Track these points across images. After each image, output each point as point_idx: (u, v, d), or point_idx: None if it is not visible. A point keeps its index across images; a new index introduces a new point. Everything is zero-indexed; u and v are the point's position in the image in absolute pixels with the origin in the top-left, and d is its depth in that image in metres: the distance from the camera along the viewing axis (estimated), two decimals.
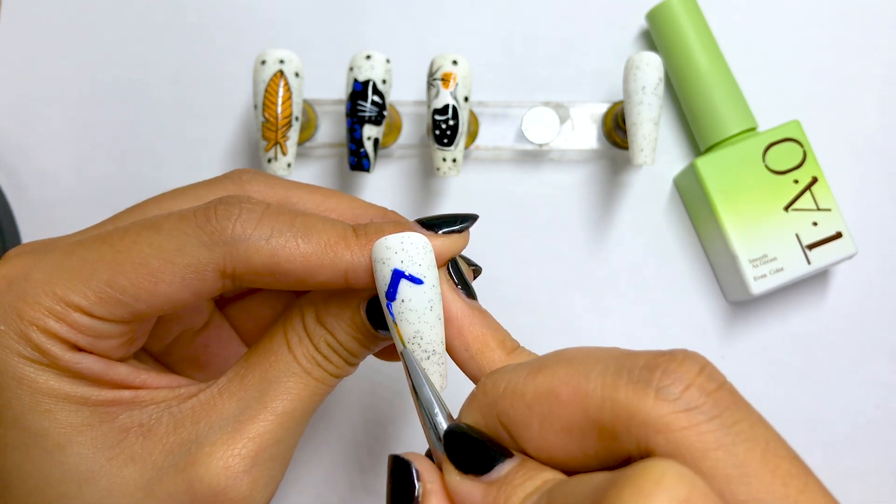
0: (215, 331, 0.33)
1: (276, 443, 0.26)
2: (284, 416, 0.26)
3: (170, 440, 0.25)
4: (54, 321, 0.24)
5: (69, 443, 0.25)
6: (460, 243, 0.27)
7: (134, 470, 0.25)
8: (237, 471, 0.25)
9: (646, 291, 0.42)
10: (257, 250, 0.25)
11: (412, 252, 0.25)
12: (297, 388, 0.27)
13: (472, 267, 0.30)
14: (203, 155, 0.42)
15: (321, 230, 0.26)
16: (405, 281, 0.25)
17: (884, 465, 0.41)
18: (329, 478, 0.41)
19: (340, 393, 0.41)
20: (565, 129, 0.41)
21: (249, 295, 0.34)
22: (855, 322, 0.42)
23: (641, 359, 0.20)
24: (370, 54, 0.36)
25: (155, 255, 0.25)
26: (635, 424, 0.19)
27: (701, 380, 0.19)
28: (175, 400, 0.26)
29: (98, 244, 0.25)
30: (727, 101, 0.40)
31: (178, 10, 0.43)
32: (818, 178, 0.39)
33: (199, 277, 0.25)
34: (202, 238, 0.25)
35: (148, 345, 0.31)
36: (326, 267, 0.25)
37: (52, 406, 0.25)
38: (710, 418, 0.19)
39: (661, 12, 0.41)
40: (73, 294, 0.24)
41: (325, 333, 0.27)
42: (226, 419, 0.26)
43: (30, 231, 0.42)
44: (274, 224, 0.25)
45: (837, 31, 0.43)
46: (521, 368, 0.22)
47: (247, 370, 0.27)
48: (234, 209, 0.25)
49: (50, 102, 0.42)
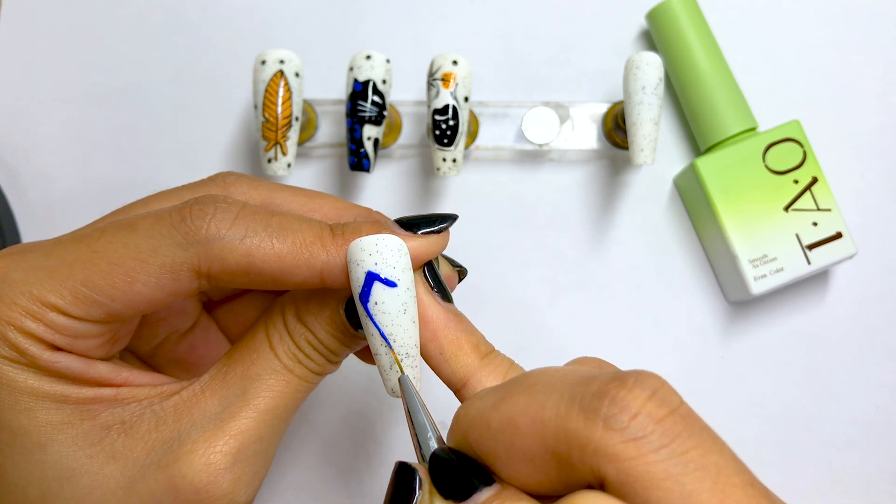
0: (202, 333, 0.33)
1: (259, 439, 0.26)
2: (266, 413, 0.26)
3: (152, 437, 0.25)
4: (31, 321, 0.24)
5: (50, 441, 0.25)
6: (438, 244, 0.27)
7: (115, 468, 0.25)
8: (219, 468, 0.25)
9: (646, 291, 0.42)
10: (232, 250, 0.25)
11: (386, 254, 0.25)
12: (279, 385, 0.27)
13: (457, 268, 0.30)
14: (203, 155, 0.42)
15: (297, 229, 0.26)
16: (379, 283, 0.25)
17: (884, 466, 0.41)
18: (312, 475, 0.41)
19: (323, 391, 0.41)
20: (565, 129, 0.41)
21: (237, 297, 0.34)
22: (855, 322, 0.42)
23: (594, 385, 0.20)
24: (370, 54, 0.36)
25: (130, 255, 0.25)
26: (588, 454, 0.19)
27: (650, 407, 0.19)
28: (157, 398, 0.26)
29: (75, 244, 0.25)
30: (727, 101, 0.40)
31: (178, 10, 0.43)
32: (818, 178, 0.39)
33: (173, 277, 0.25)
34: (176, 238, 0.25)
35: (134, 346, 0.31)
36: (302, 267, 0.25)
37: (32, 404, 0.25)
38: (657, 448, 0.18)
39: (661, 12, 0.41)
40: (50, 294, 0.24)
41: (306, 331, 0.27)
42: (208, 416, 0.26)
43: (30, 231, 0.42)
44: (249, 223, 0.25)
45: (837, 31, 0.43)
46: (490, 395, 0.22)
47: (229, 368, 0.27)
48: (209, 208, 0.25)
49: (50, 102, 0.42)
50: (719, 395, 0.42)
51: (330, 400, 0.41)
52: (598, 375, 0.20)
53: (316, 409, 0.41)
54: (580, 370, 0.21)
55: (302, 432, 0.41)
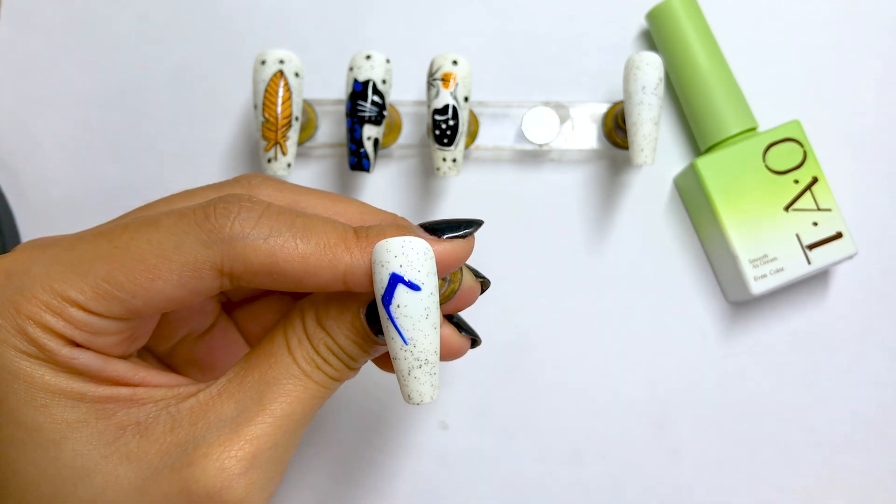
0: (221, 334, 0.33)
1: (274, 445, 0.26)
2: (283, 419, 0.26)
3: (167, 440, 0.25)
4: (51, 316, 0.24)
5: (64, 439, 0.24)
6: (464, 249, 0.27)
7: (129, 469, 0.25)
8: (233, 473, 0.25)
9: (646, 291, 0.42)
10: (255, 249, 0.25)
11: (412, 257, 0.25)
12: (297, 391, 0.26)
13: (480, 279, 0.30)
14: (203, 155, 0.42)
15: (321, 231, 0.25)
16: (402, 286, 0.25)
17: (884, 465, 0.41)
18: (327, 482, 0.41)
19: (341, 398, 0.41)
20: (565, 129, 0.41)
21: (257, 299, 0.34)
22: (855, 322, 0.42)
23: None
24: (370, 54, 0.36)
25: (153, 251, 0.24)
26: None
27: None
28: (174, 399, 0.26)
29: (97, 239, 0.25)
30: (727, 101, 0.40)
31: (178, 10, 0.43)
32: (818, 178, 0.39)
33: (196, 275, 0.25)
34: (200, 236, 0.24)
35: (152, 345, 0.31)
36: (325, 268, 0.25)
37: (48, 401, 0.24)
38: None
39: (661, 12, 0.41)
40: (70, 289, 0.24)
41: (325, 336, 0.27)
42: (224, 420, 0.25)
43: (30, 231, 0.42)
44: (273, 223, 0.25)
45: (837, 31, 0.43)
46: None
47: (246, 371, 0.27)
48: (233, 207, 0.25)
49: (50, 103, 0.42)
50: (719, 395, 0.42)
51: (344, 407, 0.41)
52: None
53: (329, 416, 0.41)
54: None
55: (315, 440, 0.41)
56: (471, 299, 0.30)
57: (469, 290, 0.29)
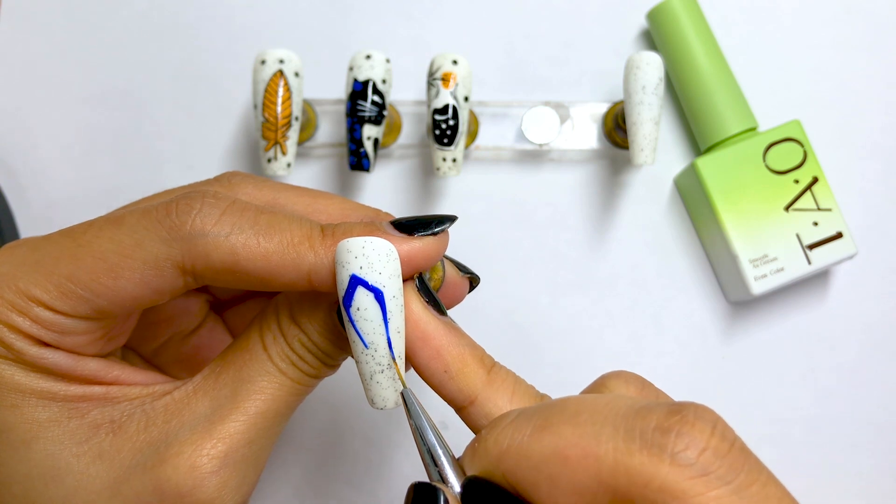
0: (209, 334, 0.33)
1: (248, 444, 0.25)
2: (257, 417, 0.25)
3: (140, 438, 0.25)
4: (17, 315, 0.24)
5: (35, 439, 0.24)
6: (435, 248, 0.26)
7: (101, 468, 0.24)
8: (205, 471, 0.24)
9: (646, 291, 0.42)
10: (216, 247, 0.24)
11: (373, 258, 0.24)
12: (272, 388, 0.26)
13: (468, 275, 0.29)
14: (203, 155, 0.42)
15: (285, 228, 0.25)
16: (362, 288, 0.24)
17: (884, 465, 0.41)
18: (307, 483, 0.41)
19: (341, 398, 0.41)
20: (565, 129, 0.41)
21: (247, 299, 0.34)
22: (855, 322, 0.42)
23: (652, 419, 0.20)
24: (370, 54, 0.36)
25: (114, 249, 0.24)
26: (651, 490, 0.19)
27: (715, 441, 0.19)
28: (149, 397, 0.26)
29: (63, 238, 0.25)
30: (727, 101, 0.40)
31: (178, 10, 0.43)
32: (819, 177, 0.39)
33: (157, 274, 0.24)
34: (161, 233, 0.24)
35: (137, 345, 0.31)
36: (288, 267, 0.24)
37: (19, 401, 0.24)
38: (725, 483, 0.19)
39: (662, 12, 0.41)
40: (35, 288, 0.24)
41: (299, 333, 0.26)
42: (197, 418, 0.25)
43: (30, 231, 0.42)
44: (235, 220, 0.24)
45: (838, 31, 0.43)
46: (523, 424, 0.21)
47: (222, 368, 0.26)
48: (195, 203, 0.24)
49: (50, 102, 0.42)
50: (719, 395, 0.42)
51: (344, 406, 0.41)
52: (652, 407, 0.20)
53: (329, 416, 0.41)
54: (626, 399, 0.21)
55: (296, 437, 0.41)
56: (457, 295, 0.29)
57: (454, 286, 0.28)
